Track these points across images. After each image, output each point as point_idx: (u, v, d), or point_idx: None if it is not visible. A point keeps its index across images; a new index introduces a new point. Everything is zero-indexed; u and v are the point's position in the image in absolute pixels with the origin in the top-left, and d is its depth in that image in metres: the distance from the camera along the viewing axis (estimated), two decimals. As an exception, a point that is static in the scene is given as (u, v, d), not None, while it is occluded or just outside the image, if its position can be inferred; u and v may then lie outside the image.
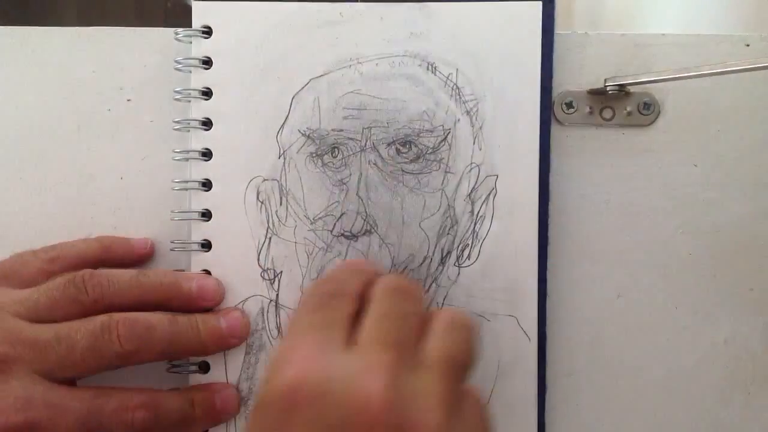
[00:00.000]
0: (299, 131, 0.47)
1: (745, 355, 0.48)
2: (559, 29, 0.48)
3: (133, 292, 0.43)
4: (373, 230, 0.46)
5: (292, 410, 0.31)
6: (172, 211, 0.47)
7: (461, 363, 0.36)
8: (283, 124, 0.47)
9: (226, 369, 0.46)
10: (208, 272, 0.47)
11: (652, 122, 0.48)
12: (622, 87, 0.47)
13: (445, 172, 0.46)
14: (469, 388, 0.36)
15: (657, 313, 0.48)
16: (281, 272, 0.47)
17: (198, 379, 0.46)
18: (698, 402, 0.48)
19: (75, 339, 0.40)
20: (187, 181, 0.47)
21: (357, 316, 0.37)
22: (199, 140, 0.47)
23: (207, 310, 0.46)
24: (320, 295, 0.38)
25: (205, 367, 0.46)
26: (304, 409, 0.31)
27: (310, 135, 0.47)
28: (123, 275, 0.43)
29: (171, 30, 0.48)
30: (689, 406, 0.48)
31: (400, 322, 0.36)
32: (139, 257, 0.48)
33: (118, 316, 0.41)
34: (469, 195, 0.46)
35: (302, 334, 0.35)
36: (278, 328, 0.47)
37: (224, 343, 0.45)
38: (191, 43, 0.47)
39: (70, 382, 0.42)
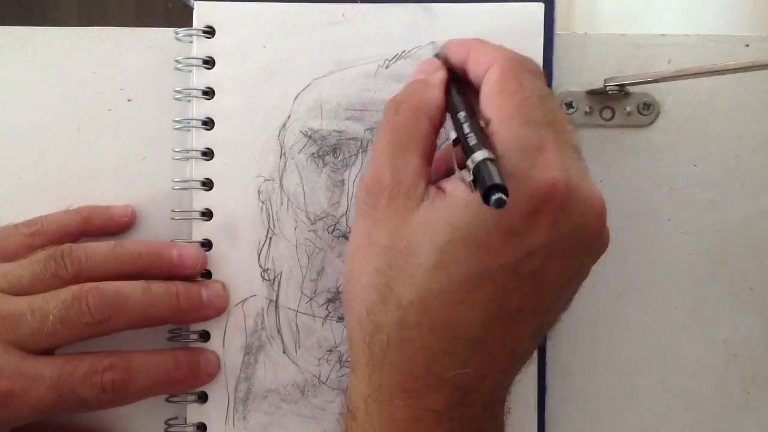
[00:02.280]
0: (301, 132, 0.47)
1: (745, 355, 0.48)
2: (559, 29, 0.48)
3: (110, 264, 0.43)
4: (373, 230, 0.46)
5: (543, 214, 0.32)
6: (173, 211, 0.47)
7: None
8: (285, 124, 0.47)
9: (225, 368, 0.46)
10: (208, 272, 0.46)
11: (652, 122, 0.48)
12: (622, 87, 0.47)
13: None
14: None
15: (657, 313, 0.48)
16: (281, 272, 0.47)
17: (198, 379, 0.46)
18: (698, 402, 0.48)
19: (47, 309, 0.40)
20: (187, 181, 0.47)
21: None
22: (201, 140, 0.47)
23: (190, 278, 0.46)
24: (538, 83, 0.36)
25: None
26: (555, 214, 0.32)
27: (312, 135, 0.47)
28: (100, 247, 0.44)
29: (171, 30, 0.48)
30: (689, 406, 0.48)
31: (572, 128, 0.37)
32: (119, 226, 0.47)
33: (88, 285, 0.41)
34: (470, 195, 0.46)
35: (541, 132, 0.34)
36: (278, 328, 0.47)
37: (202, 313, 0.45)
38: (191, 42, 0.47)
39: (48, 352, 0.42)
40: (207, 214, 0.47)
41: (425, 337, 0.33)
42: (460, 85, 0.39)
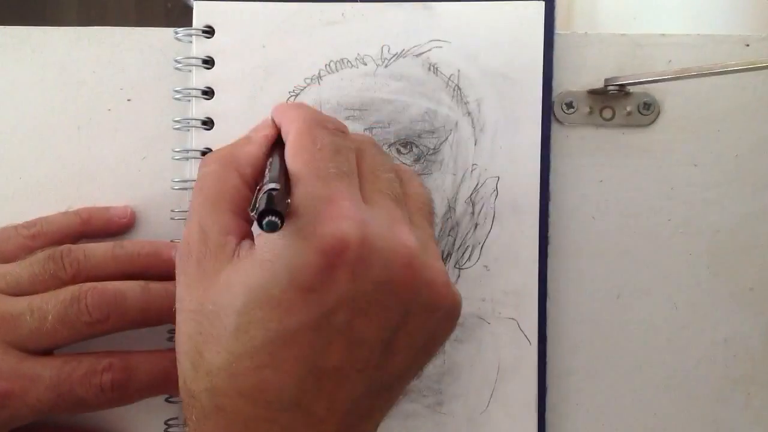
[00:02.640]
0: (300, 132, 0.47)
1: (745, 355, 0.48)
2: (559, 29, 0.48)
3: (109, 265, 0.43)
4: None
5: (338, 268, 0.31)
6: (173, 211, 0.47)
7: (432, 208, 0.38)
8: (285, 124, 0.47)
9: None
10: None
11: (652, 122, 0.48)
12: (622, 87, 0.47)
13: (446, 173, 0.46)
14: None
15: (657, 313, 0.48)
16: (282, 272, 0.47)
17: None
18: (698, 402, 0.48)
19: (46, 309, 0.40)
20: (187, 181, 0.47)
21: None
22: (201, 140, 0.47)
23: None
24: (332, 139, 0.35)
25: None
26: (352, 266, 0.31)
27: (312, 135, 0.46)
28: (99, 248, 0.44)
29: (171, 30, 0.48)
30: (689, 406, 0.48)
31: (393, 176, 0.36)
32: (119, 227, 0.47)
33: (87, 285, 0.41)
34: (470, 196, 0.46)
35: (332, 184, 0.33)
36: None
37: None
38: (191, 42, 0.47)
39: (47, 353, 0.42)
40: (207, 214, 0.47)
41: (237, 403, 0.32)
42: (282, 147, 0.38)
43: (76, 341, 0.42)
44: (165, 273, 0.44)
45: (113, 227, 0.47)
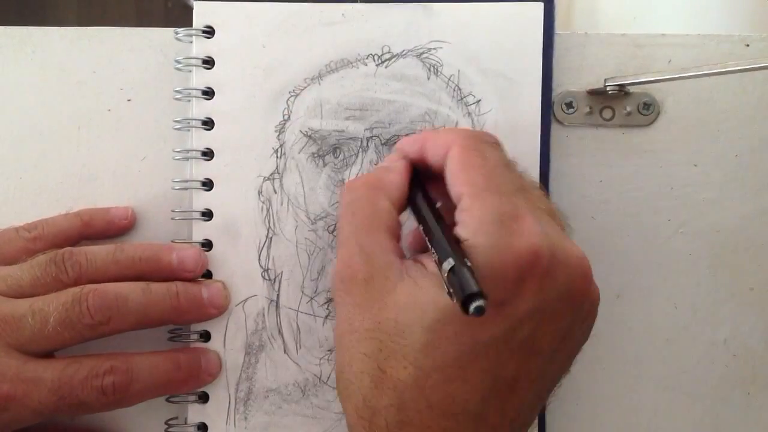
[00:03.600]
0: (301, 131, 0.47)
1: (745, 355, 0.48)
2: (559, 29, 0.48)
3: (110, 269, 0.43)
4: (373, 230, 0.46)
5: (528, 281, 0.32)
6: (173, 211, 0.47)
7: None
8: (285, 124, 0.47)
9: (225, 368, 0.46)
10: (209, 272, 0.47)
11: (652, 122, 0.48)
12: (622, 87, 0.47)
13: (446, 172, 0.46)
14: None
15: (657, 313, 0.48)
16: (282, 272, 0.47)
17: (199, 379, 0.46)
18: (698, 402, 0.48)
19: (47, 312, 0.40)
20: (187, 181, 0.47)
21: None
22: (201, 140, 0.47)
23: (191, 280, 0.46)
24: (499, 153, 0.37)
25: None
26: (541, 280, 0.32)
27: (312, 135, 0.47)
28: (100, 252, 0.44)
29: (171, 30, 0.48)
30: (689, 406, 0.48)
31: (541, 192, 0.38)
32: (119, 228, 0.48)
33: (88, 287, 0.41)
34: (470, 195, 0.46)
35: (513, 199, 0.34)
36: (278, 327, 0.47)
37: (203, 312, 0.45)
38: (191, 42, 0.47)
39: (49, 355, 0.42)
40: (207, 215, 0.47)
41: (424, 417, 0.33)
42: (420, 178, 0.39)
43: (78, 343, 0.42)
44: (165, 276, 0.45)
45: (114, 229, 0.47)
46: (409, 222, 0.40)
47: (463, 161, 0.35)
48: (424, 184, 0.39)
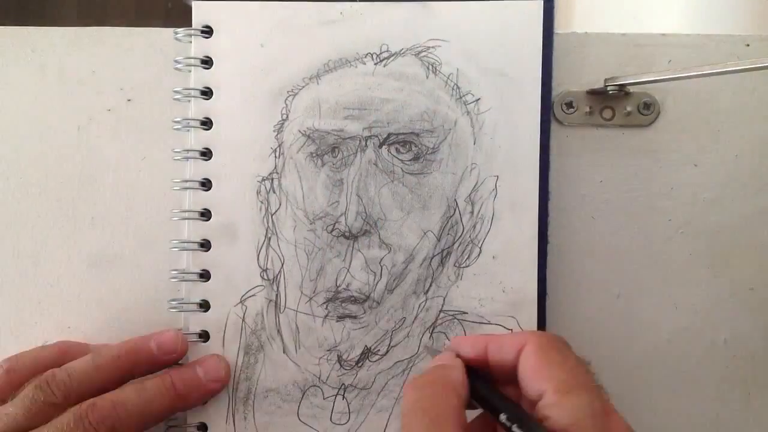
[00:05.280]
0: (299, 131, 0.47)
1: (745, 355, 0.48)
2: (559, 29, 0.48)
3: (94, 377, 0.43)
4: (372, 230, 0.46)
5: None
6: (172, 211, 0.47)
7: None
8: (284, 123, 0.47)
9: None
10: (207, 272, 0.47)
11: (652, 122, 0.48)
12: (622, 87, 0.47)
13: (445, 172, 0.46)
14: None
15: (657, 313, 0.48)
16: (281, 272, 0.47)
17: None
18: (698, 402, 0.48)
19: None
20: (186, 181, 0.47)
21: None
22: (199, 140, 0.47)
23: (176, 362, 0.46)
24: (572, 353, 0.38)
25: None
26: None
27: (310, 135, 0.47)
28: (80, 364, 0.44)
29: (170, 30, 0.48)
30: (689, 406, 0.48)
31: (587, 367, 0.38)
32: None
33: (86, 404, 0.41)
34: (469, 195, 0.46)
35: (599, 396, 0.35)
36: (277, 327, 0.47)
37: (206, 391, 0.46)
38: (191, 42, 0.47)
39: None
40: (206, 214, 0.47)
41: None
42: (481, 375, 0.40)
43: None
44: (150, 367, 0.45)
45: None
46: None
47: (541, 359, 0.36)
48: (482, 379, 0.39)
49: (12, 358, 0.45)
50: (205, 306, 0.47)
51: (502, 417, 0.36)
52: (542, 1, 0.46)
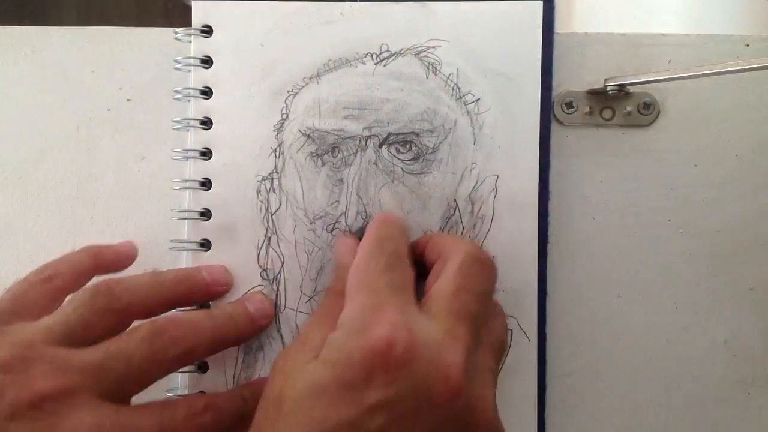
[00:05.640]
0: (299, 130, 0.47)
1: (745, 356, 0.48)
2: (559, 29, 0.48)
3: (157, 291, 0.42)
4: (372, 230, 0.46)
5: (379, 369, 0.32)
6: (172, 211, 0.47)
7: (506, 346, 0.41)
8: (283, 123, 0.47)
9: (225, 369, 0.46)
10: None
11: (652, 122, 0.48)
12: (622, 87, 0.47)
13: (445, 172, 0.46)
14: None
15: (657, 313, 0.48)
16: (281, 272, 0.47)
17: (197, 379, 0.46)
18: (698, 402, 0.48)
19: (129, 352, 0.38)
20: (186, 181, 0.47)
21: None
22: (199, 139, 0.47)
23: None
24: (388, 255, 0.38)
25: (203, 367, 0.46)
26: (392, 370, 0.32)
27: (310, 134, 0.47)
28: (143, 278, 0.43)
29: (170, 30, 0.48)
30: (689, 406, 0.48)
31: (478, 298, 0.37)
32: (127, 258, 0.46)
33: (161, 319, 0.40)
34: (469, 195, 0.46)
35: (383, 295, 0.36)
36: (278, 327, 0.47)
37: (257, 327, 0.46)
38: (191, 42, 0.47)
39: (128, 403, 0.39)
40: (206, 214, 0.47)
41: None
42: None
43: (161, 377, 0.40)
44: (203, 295, 0.45)
45: (122, 261, 0.46)
46: None
47: (354, 266, 0.39)
48: None
49: (49, 265, 0.43)
50: (205, 307, 0.47)
51: None
52: (542, 2, 0.46)
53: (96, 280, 0.43)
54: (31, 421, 0.34)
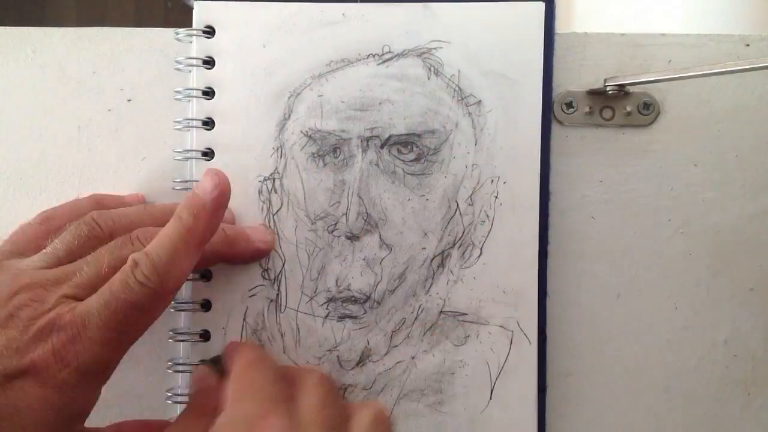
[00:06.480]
0: (301, 131, 0.47)
1: (745, 355, 0.48)
2: (559, 29, 0.48)
3: (144, 222, 0.42)
4: (373, 230, 0.46)
5: None
6: (172, 211, 0.47)
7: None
8: (285, 123, 0.47)
9: (226, 369, 0.46)
10: (209, 272, 0.46)
11: (652, 122, 0.48)
12: (622, 87, 0.47)
13: (446, 173, 0.46)
14: None
15: (657, 313, 0.48)
16: (282, 272, 0.47)
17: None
18: (698, 402, 0.48)
19: (100, 257, 0.39)
20: (187, 181, 0.47)
21: None
22: (201, 140, 0.47)
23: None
24: (267, 373, 0.39)
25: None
26: None
27: (312, 135, 0.47)
28: (131, 209, 0.43)
29: (171, 30, 0.48)
30: (689, 406, 0.48)
31: (334, 412, 0.38)
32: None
33: (138, 230, 0.40)
34: (470, 196, 0.46)
35: (264, 405, 0.36)
36: (278, 327, 0.47)
37: (254, 248, 0.46)
38: (191, 42, 0.47)
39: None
40: (207, 214, 0.47)
41: None
42: None
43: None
44: None
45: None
46: None
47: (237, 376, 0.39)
48: None
49: (48, 210, 0.44)
50: (206, 306, 0.47)
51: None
52: (544, 3, 0.46)
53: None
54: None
